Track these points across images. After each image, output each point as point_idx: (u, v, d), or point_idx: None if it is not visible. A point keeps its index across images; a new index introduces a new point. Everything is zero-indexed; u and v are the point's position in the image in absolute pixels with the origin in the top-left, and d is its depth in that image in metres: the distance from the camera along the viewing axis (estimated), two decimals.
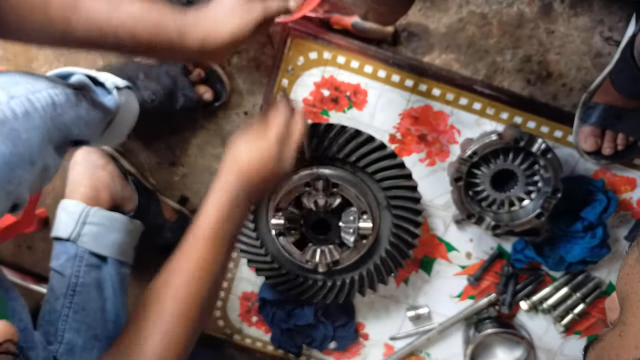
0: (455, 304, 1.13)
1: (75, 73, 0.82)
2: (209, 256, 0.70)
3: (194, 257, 0.70)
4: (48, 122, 0.67)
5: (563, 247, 1.00)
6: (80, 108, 0.74)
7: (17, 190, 0.63)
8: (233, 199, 0.72)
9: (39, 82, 0.70)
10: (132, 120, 0.93)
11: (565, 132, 0.96)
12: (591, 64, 0.95)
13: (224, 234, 0.71)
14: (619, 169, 0.98)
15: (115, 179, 1.01)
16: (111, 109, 0.82)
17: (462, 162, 0.89)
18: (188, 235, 0.71)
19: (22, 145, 0.62)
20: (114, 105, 0.83)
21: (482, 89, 0.94)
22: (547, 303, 1.09)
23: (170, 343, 0.68)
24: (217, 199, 0.72)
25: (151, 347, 0.67)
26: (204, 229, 0.71)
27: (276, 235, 0.95)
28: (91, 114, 0.76)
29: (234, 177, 0.73)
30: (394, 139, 1.00)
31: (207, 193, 0.73)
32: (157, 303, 0.69)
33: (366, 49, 0.94)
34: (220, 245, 0.71)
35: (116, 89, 0.84)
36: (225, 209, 0.71)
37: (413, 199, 0.93)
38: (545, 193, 0.90)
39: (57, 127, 0.70)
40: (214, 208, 0.71)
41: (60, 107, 0.70)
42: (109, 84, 0.84)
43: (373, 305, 1.16)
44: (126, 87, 0.88)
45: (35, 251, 1.26)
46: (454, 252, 1.08)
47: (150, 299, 0.70)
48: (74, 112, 0.73)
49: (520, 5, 0.92)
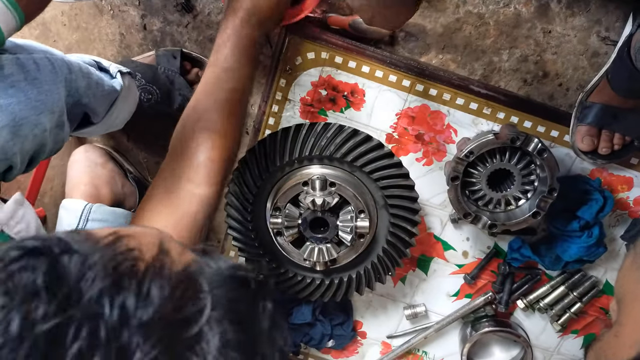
0: (452, 303, 1.13)
1: (81, 59, 0.85)
2: (234, 64, 0.73)
3: (222, 67, 0.73)
4: (64, 81, 0.71)
5: (559, 246, 1.00)
6: (91, 80, 0.78)
7: (41, 135, 0.65)
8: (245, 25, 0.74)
9: (54, 50, 0.74)
10: (132, 104, 0.95)
11: (561, 131, 0.96)
12: (588, 64, 0.95)
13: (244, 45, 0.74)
14: (616, 169, 0.99)
15: (115, 176, 1.02)
16: (116, 89, 0.86)
17: (459, 162, 0.89)
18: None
19: (45, 94, 0.65)
20: (118, 86, 0.86)
21: (478, 88, 0.95)
22: (543, 302, 1.09)
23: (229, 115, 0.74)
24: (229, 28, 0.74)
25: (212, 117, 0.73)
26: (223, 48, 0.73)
27: (274, 234, 0.96)
28: (100, 88, 0.80)
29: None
30: (391, 138, 1.01)
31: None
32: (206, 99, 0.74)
33: (364, 49, 0.94)
34: (240, 54, 0.74)
35: (120, 73, 0.87)
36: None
37: (410, 198, 0.93)
38: (542, 192, 0.90)
39: (71, 89, 0.73)
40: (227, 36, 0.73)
41: (74, 73, 0.73)
42: (112, 69, 0.87)
43: (371, 303, 1.16)
44: (128, 72, 0.90)
45: None
46: (451, 251, 1.09)
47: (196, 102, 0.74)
48: (85, 81, 0.76)
49: (517, 5, 0.92)
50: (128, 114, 0.95)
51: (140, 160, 1.12)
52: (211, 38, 1.00)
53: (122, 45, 1.03)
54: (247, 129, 1.07)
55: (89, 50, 1.04)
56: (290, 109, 1.00)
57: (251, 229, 0.98)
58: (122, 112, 0.92)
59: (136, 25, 1.00)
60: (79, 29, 1.02)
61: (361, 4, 0.68)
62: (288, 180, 0.94)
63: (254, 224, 0.98)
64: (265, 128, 1.02)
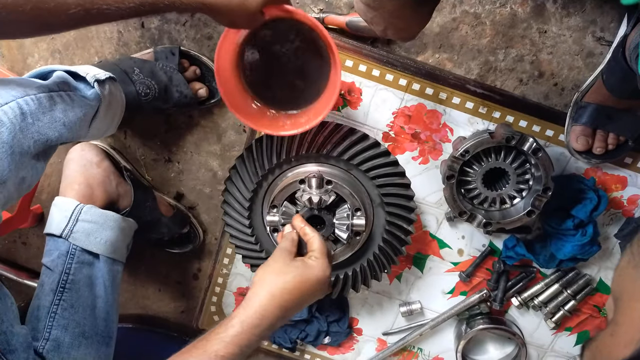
0: (447, 300, 1.14)
1: (55, 70, 0.81)
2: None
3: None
4: (18, 134, 0.67)
5: (554, 244, 1.01)
6: (55, 111, 0.73)
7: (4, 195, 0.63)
8: (262, 337, 0.70)
9: (8, 90, 0.69)
10: (119, 110, 0.92)
11: (556, 131, 0.97)
12: (583, 64, 0.96)
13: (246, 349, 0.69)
14: (610, 168, 0.99)
15: (110, 176, 1.01)
16: (92, 103, 0.81)
17: (455, 161, 0.90)
18: (211, 338, 0.67)
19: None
20: (95, 98, 0.82)
21: (474, 88, 0.95)
22: (538, 299, 1.10)
23: None
24: (246, 337, 0.68)
25: None
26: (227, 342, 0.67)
27: (271, 231, 0.96)
28: (69, 114, 0.75)
29: (276, 313, 0.70)
30: (388, 137, 1.01)
31: (244, 308, 0.69)
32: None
33: (360, 48, 0.94)
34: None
35: (97, 82, 0.83)
36: (253, 339, 0.69)
37: (406, 196, 0.94)
38: (536, 191, 0.91)
39: (30, 137, 0.69)
40: (241, 338, 0.67)
41: (31, 116, 0.69)
42: (89, 78, 0.83)
43: (366, 301, 1.17)
44: (108, 77, 0.86)
45: (30, 247, 1.27)
46: (446, 249, 1.10)
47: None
48: (47, 117, 0.72)
49: (513, 5, 0.93)
50: (117, 119, 0.93)
51: (137, 157, 1.12)
52: (209, 36, 1.00)
53: (120, 43, 1.03)
54: (244, 126, 1.07)
55: (86, 48, 1.04)
56: None
57: (248, 226, 0.99)
58: (107, 122, 0.89)
59: (134, 23, 1.01)
60: None
61: (373, 15, 0.66)
62: (285, 178, 0.94)
63: (251, 221, 0.99)
64: None
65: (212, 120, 1.07)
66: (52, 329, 0.85)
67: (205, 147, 1.10)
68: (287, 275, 0.72)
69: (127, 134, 1.10)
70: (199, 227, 1.18)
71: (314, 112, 0.88)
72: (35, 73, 0.82)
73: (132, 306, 1.31)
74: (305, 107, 0.91)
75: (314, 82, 0.88)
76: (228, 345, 0.66)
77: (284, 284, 0.71)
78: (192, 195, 1.16)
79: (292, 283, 0.72)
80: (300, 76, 0.89)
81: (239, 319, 0.68)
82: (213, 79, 1.02)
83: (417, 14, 0.66)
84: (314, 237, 0.79)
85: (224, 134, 1.08)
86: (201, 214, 1.18)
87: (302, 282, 0.72)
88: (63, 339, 0.85)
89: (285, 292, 0.71)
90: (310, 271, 0.73)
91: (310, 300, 0.74)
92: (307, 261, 0.75)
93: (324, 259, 0.76)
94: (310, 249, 0.78)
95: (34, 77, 0.80)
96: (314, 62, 0.87)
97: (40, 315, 0.86)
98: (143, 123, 1.09)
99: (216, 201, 1.16)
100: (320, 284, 0.74)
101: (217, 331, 0.68)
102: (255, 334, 0.68)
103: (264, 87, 0.90)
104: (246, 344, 0.67)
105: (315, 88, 0.89)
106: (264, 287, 0.71)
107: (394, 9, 0.64)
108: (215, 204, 1.16)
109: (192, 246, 1.17)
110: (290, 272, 0.73)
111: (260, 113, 0.91)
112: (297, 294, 0.72)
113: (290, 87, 0.90)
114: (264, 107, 0.91)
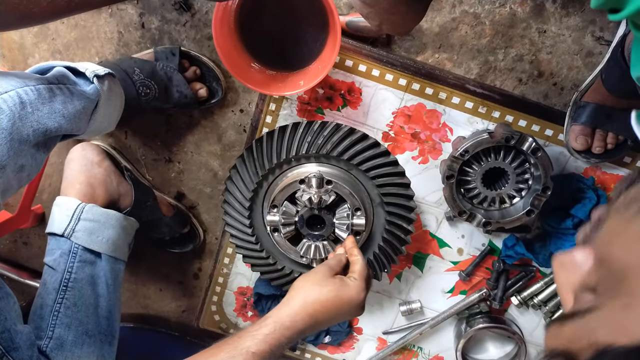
0: (447, 299, 1.15)
1: (54, 66, 0.82)
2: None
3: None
4: (17, 121, 0.68)
5: (553, 243, 1.01)
6: (55, 102, 0.74)
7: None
8: (292, 340, 0.72)
9: (8, 81, 0.70)
10: (118, 106, 0.93)
11: (555, 130, 0.97)
12: (582, 64, 0.96)
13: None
14: (609, 167, 1.00)
15: (111, 175, 1.02)
16: (92, 97, 0.82)
17: (454, 160, 0.90)
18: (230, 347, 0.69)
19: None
20: (94, 93, 0.83)
21: (474, 88, 0.96)
22: (537, 298, 1.10)
23: None
24: (277, 337, 0.70)
25: None
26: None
27: (271, 231, 0.97)
28: (68, 106, 0.76)
29: (307, 321, 0.72)
30: (388, 137, 1.01)
31: (271, 318, 0.71)
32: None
33: (360, 48, 0.95)
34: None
35: (96, 77, 0.84)
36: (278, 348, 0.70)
37: (406, 195, 0.94)
38: (536, 191, 0.91)
39: (29, 125, 0.70)
40: (268, 344, 0.69)
41: (30, 105, 0.70)
42: (88, 73, 0.83)
43: (367, 300, 1.17)
44: (107, 74, 0.87)
45: (31, 247, 1.27)
46: (446, 248, 1.10)
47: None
48: (47, 107, 0.73)
49: (512, 5, 0.93)
50: (116, 115, 0.94)
51: (138, 157, 1.12)
52: (209, 36, 1.01)
53: (120, 43, 1.03)
54: (244, 126, 1.07)
55: (87, 49, 1.04)
56: (287, 107, 1.01)
57: (248, 226, 0.99)
58: (107, 117, 0.90)
59: (134, 23, 1.01)
60: (77, 27, 1.03)
61: (369, 11, 0.68)
62: (285, 178, 0.95)
63: (252, 221, 0.99)
64: (263, 126, 1.03)
65: (212, 120, 1.08)
66: (56, 327, 0.85)
67: (205, 147, 1.10)
68: (324, 288, 0.75)
69: (128, 134, 1.11)
70: (200, 226, 1.18)
71: (314, 73, 0.89)
72: (35, 69, 0.83)
73: (133, 306, 1.31)
74: (303, 68, 0.92)
75: (313, 41, 0.90)
76: (260, 342, 0.68)
77: (319, 295, 0.74)
78: (192, 195, 1.16)
79: (326, 296, 0.74)
80: (298, 36, 0.90)
81: (273, 319, 0.71)
82: (213, 79, 1.02)
83: (412, 10, 0.67)
84: (358, 260, 0.82)
85: (224, 134, 1.09)
86: (202, 214, 1.18)
87: (336, 297, 0.75)
88: (66, 337, 0.85)
89: (318, 303, 0.73)
90: (345, 290, 0.76)
91: (341, 318, 0.76)
92: (345, 280, 0.78)
93: (361, 282, 0.78)
94: (352, 270, 0.81)
95: (34, 73, 0.80)
96: (312, 21, 0.88)
97: (44, 314, 0.86)
98: (143, 123, 1.09)
99: (216, 201, 1.16)
100: (353, 304, 0.76)
101: (250, 329, 0.71)
102: (285, 335, 0.70)
103: (262, 49, 0.91)
104: (276, 344, 0.69)
105: (314, 47, 0.90)
106: (299, 294, 0.74)
107: (389, 6, 0.65)
108: (215, 204, 1.16)
109: (192, 246, 1.18)
110: (327, 285, 0.75)
111: (260, 74, 0.92)
112: (329, 307, 0.74)
113: (289, 47, 0.91)
114: (263, 68, 0.92)
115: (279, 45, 0.91)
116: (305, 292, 0.74)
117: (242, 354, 0.67)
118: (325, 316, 0.74)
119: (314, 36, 0.90)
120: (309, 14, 0.87)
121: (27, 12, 0.61)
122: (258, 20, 0.89)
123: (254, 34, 0.90)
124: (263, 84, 0.91)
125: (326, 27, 0.88)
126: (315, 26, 0.88)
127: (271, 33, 0.90)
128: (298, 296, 0.74)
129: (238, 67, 0.89)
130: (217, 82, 1.02)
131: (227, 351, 0.67)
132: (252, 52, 0.92)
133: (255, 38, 0.91)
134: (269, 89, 0.91)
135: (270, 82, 0.92)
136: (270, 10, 0.88)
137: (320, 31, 0.89)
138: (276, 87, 0.91)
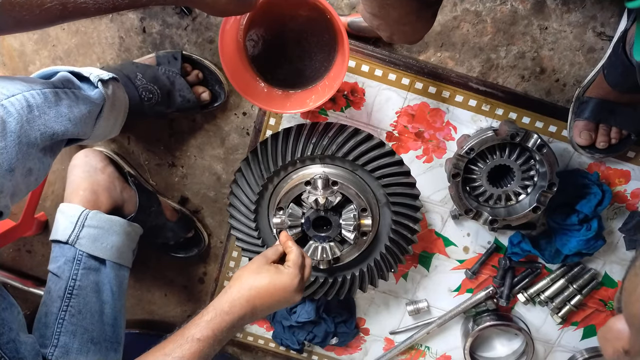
0: (454, 298, 1.15)
1: (58, 71, 0.82)
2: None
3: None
4: (25, 125, 0.68)
5: (559, 239, 1.01)
6: (61, 106, 0.74)
7: (10, 186, 0.63)
8: (234, 325, 0.76)
9: (14, 85, 0.70)
10: (122, 110, 0.93)
11: (559, 126, 0.98)
12: (584, 59, 0.96)
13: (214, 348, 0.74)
14: (613, 162, 1.00)
15: (114, 181, 1.01)
16: (97, 101, 0.83)
17: (460, 159, 0.90)
18: (178, 336, 0.73)
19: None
20: (99, 97, 0.83)
21: (477, 85, 0.96)
22: (544, 295, 1.11)
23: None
24: (218, 322, 0.74)
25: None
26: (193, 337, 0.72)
27: (277, 233, 0.96)
28: (74, 110, 0.77)
29: (244, 306, 0.76)
30: (392, 136, 1.01)
31: (212, 307, 0.76)
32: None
33: (363, 48, 0.95)
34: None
35: (101, 81, 0.84)
36: (223, 333, 0.75)
37: (412, 195, 0.94)
38: (541, 187, 0.91)
39: (36, 129, 0.70)
40: (210, 329, 0.73)
41: (37, 109, 0.70)
42: (92, 78, 0.84)
43: (373, 300, 1.17)
44: (111, 78, 0.87)
45: (35, 255, 1.27)
46: (452, 247, 1.10)
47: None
48: (53, 111, 0.73)
49: (513, 2, 0.93)
50: (121, 120, 0.94)
51: (141, 162, 1.12)
52: (210, 40, 1.01)
53: (122, 48, 1.03)
54: (247, 129, 1.07)
55: (88, 55, 1.04)
56: None
57: (255, 229, 0.99)
58: (111, 121, 0.90)
59: (135, 28, 1.01)
60: (78, 32, 1.02)
61: (379, 23, 0.68)
62: (290, 180, 0.95)
63: (258, 224, 0.99)
64: (267, 129, 1.03)
65: (215, 123, 1.07)
66: (61, 335, 0.85)
67: (208, 150, 1.10)
68: (258, 275, 0.79)
69: (131, 139, 1.10)
70: (204, 230, 1.18)
71: (321, 90, 0.89)
72: (39, 74, 0.83)
73: (138, 312, 1.30)
74: (311, 86, 0.91)
75: (321, 61, 0.90)
76: (203, 329, 0.73)
77: (253, 281, 0.78)
78: (196, 199, 1.16)
79: (261, 282, 0.78)
80: (305, 55, 0.89)
81: (213, 306, 0.76)
82: (216, 82, 1.02)
83: (422, 19, 0.67)
84: (292, 250, 0.85)
85: (227, 138, 1.08)
86: (206, 218, 1.18)
87: (270, 283, 0.78)
88: (72, 345, 0.85)
89: (254, 289, 0.77)
90: (279, 276, 0.79)
91: (277, 304, 0.80)
92: (280, 267, 0.82)
93: (295, 269, 0.81)
94: (287, 259, 0.84)
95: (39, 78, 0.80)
96: (320, 41, 0.87)
97: (48, 321, 0.86)
98: (146, 128, 1.09)
99: (221, 204, 1.16)
100: (288, 290, 0.80)
101: (194, 319, 0.75)
102: (226, 320, 0.75)
103: (270, 67, 0.91)
104: (219, 329, 0.74)
105: (322, 67, 0.90)
106: (236, 282, 0.79)
107: (399, 17, 0.65)
108: (219, 208, 1.16)
109: (197, 250, 1.17)
110: (262, 273, 0.79)
111: (268, 93, 0.91)
112: (264, 293, 0.78)
113: (296, 66, 0.90)
114: (271, 88, 0.92)
115: (287, 65, 0.91)
116: (242, 280, 0.78)
117: (188, 342, 0.71)
118: (261, 301, 0.78)
119: (322, 57, 0.89)
120: (318, 35, 0.87)
121: (20, 18, 0.61)
122: (266, 41, 0.88)
123: (261, 54, 0.90)
124: (270, 101, 0.90)
125: (335, 47, 0.87)
126: (323, 46, 0.88)
127: (280, 53, 0.90)
128: (236, 284, 0.78)
129: (244, 84, 0.89)
130: (219, 85, 1.02)
131: (175, 341, 0.72)
132: (259, 70, 0.91)
133: (263, 57, 0.90)
134: (277, 106, 0.90)
135: (277, 99, 0.91)
136: (279, 30, 0.87)
137: (328, 52, 0.88)
138: (283, 105, 0.90)
